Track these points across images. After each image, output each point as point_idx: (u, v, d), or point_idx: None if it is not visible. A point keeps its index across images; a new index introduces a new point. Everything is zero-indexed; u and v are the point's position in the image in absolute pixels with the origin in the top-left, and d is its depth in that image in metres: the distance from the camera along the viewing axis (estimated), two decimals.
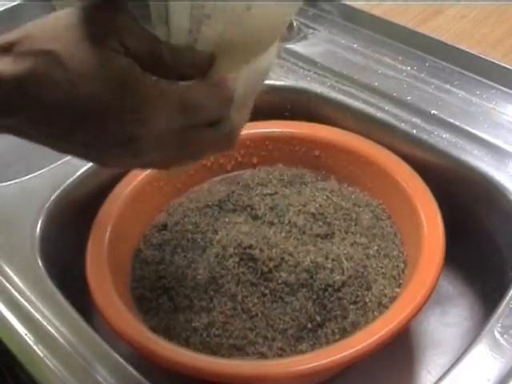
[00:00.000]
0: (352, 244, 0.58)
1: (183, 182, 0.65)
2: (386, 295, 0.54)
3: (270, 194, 0.63)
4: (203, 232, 0.60)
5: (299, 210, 0.60)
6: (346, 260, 0.56)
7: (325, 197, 0.62)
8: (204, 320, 0.53)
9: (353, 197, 0.63)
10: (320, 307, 0.53)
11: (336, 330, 0.52)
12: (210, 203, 0.63)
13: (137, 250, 0.60)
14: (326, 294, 0.54)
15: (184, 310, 0.54)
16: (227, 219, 0.61)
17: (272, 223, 0.60)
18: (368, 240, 0.59)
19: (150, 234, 0.61)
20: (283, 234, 0.58)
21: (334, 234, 0.59)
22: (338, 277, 0.55)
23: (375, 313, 0.53)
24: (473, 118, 0.64)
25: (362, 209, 0.61)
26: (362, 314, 0.53)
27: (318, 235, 0.58)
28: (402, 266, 0.56)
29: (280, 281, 0.54)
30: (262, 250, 0.56)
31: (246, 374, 0.47)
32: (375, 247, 0.58)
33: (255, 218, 0.61)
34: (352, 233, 0.59)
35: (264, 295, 0.54)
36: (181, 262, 0.58)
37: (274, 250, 0.56)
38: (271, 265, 0.55)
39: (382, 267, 0.56)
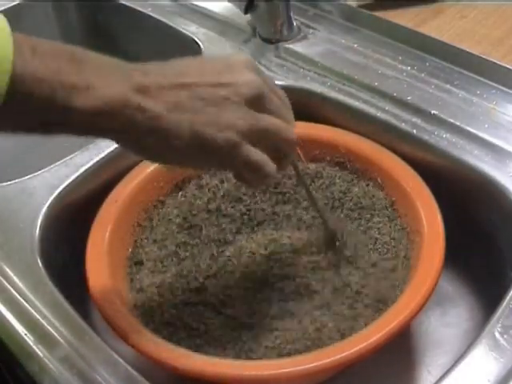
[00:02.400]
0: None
1: (182, 181, 0.65)
2: (386, 295, 0.54)
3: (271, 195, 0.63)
4: (203, 233, 0.60)
5: (302, 210, 0.61)
6: (347, 260, 0.57)
7: (326, 196, 0.62)
8: (203, 323, 0.53)
9: (353, 196, 0.63)
10: (321, 308, 0.54)
11: (337, 331, 0.52)
12: (209, 205, 0.63)
13: (137, 250, 0.60)
14: (327, 294, 0.54)
15: (183, 311, 0.54)
16: (227, 221, 0.61)
17: (275, 224, 0.60)
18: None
19: (150, 234, 0.61)
20: (288, 234, 0.58)
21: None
22: (337, 277, 0.56)
23: (376, 313, 0.53)
24: (473, 117, 0.64)
25: (363, 208, 0.61)
26: (363, 314, 0.53)
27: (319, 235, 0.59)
28: (403, 265, 0.56)
29: (280, 284, 0.55)
30: (261, 255, 0.56)
31: (247, 374, 0.47)
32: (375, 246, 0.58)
33: (256, 218, 0.61)
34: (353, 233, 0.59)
35: (267, 300, 0.54)
36: (181, 263, 0.58)
37: (275, 253, 0.56)
38: (275, 271, 0.55)
39: (382, 267, 0.56)
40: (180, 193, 0.64)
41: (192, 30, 0.82)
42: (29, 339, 0.50)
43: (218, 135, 0.42)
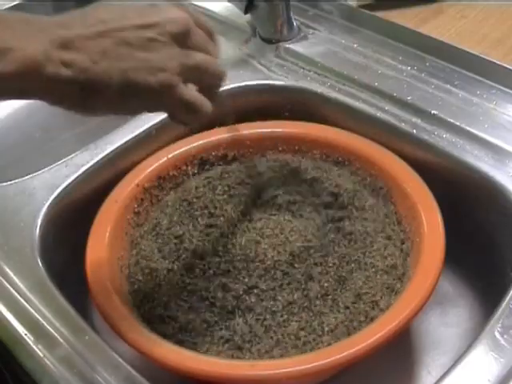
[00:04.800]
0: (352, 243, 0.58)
1: (182, 182, 0.65)
2: (386, 295, 0.54)
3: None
4: (202, 234, 0.60)
5: (306, 206, 0.61)
6: (347, 260, 0.57)
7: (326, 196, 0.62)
8: (204, 322, 0.53)
9: (353, 196, 0.63)
10: (321, 308, 0.54)
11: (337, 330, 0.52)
12: (208, 204, 0.63)
13: (137, 250, 0.60)
14: (327, 293, 0.54)
15: (184, 310, 0.54)
16: (225, 222, 0.61)
17: (277, 221, 0.60)
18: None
19: (150, 234, 0.61)
20: (291, 231, 0.58)
21: (334, 234, 0.59)
22: (336, 277, 0.55)
23: (375, 313, 0.53)
24: (473, 117, 0.64)
25: (363, 208, 0.61)
26: (363, 313, 0.53)
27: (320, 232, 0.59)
28: (403, 266, 0.56)
29: (280, 282, 0.55)
30: (266, 250, 0.56)
31: (247, 374, 0.47)
32: (375, 246, 0.58)
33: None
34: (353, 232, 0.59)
35: (270, 297, 0.54)
36: (180, 261, 0.58)
37: (277, 249, 0.56)
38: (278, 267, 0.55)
39: (382, 267, 0.56)
40: (180, 192, 0.64)
41: None
42: (29, 339, 0.50)
43: (150, 79, 0.41)
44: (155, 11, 0.43)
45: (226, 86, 0.67)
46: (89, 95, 0.41)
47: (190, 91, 0.44)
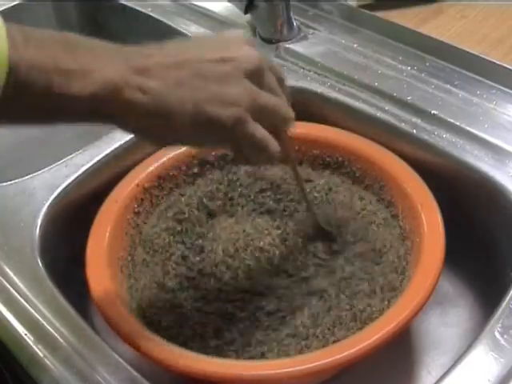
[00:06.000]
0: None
1: (182, 181, 0.65)
2: (386, 295, 0.54)
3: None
4: (202, 233, 0.60)
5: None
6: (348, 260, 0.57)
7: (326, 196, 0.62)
8: (204, 322, 0.53)
9: (353, 196, 0.63)
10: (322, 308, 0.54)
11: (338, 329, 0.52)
12: (208, 202, 0.63)
13: (137, 250, 0.60)
14: (327, 293, 0.54)
15: (185, 311, 0.54)
16: (225, 221, 0.61)
17: (276, 225, 0.60)
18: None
19: (149, 234, 0.61)
20: (290, 234, 0.58)
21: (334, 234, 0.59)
22: (336, 278, 0.55)
23: (376, 312, 0.53)
24: (473, 117, 0.64)
25: (363, 208, 0.61)
26: (363, 313, 0.53)
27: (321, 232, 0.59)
28: (403, 265, 0.56)
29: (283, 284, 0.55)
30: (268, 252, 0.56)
31: (247, 374, 0.47)
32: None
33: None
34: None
35: (267, 297, 0.54)
36: (181, 261, 0.58)
37: (278, 252, 0.56)
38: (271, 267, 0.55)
39: (382, 267, 0.56)
40: (179, 192, 0.64)
41: (192, 30, 0.82)
42: (29, 339, 0.50)
43: (221, 112, 0.41)
44: (232, 47, 0.43)
45: None
46: (160, 123, 0.41)
47: (260, 128, 0.43)
